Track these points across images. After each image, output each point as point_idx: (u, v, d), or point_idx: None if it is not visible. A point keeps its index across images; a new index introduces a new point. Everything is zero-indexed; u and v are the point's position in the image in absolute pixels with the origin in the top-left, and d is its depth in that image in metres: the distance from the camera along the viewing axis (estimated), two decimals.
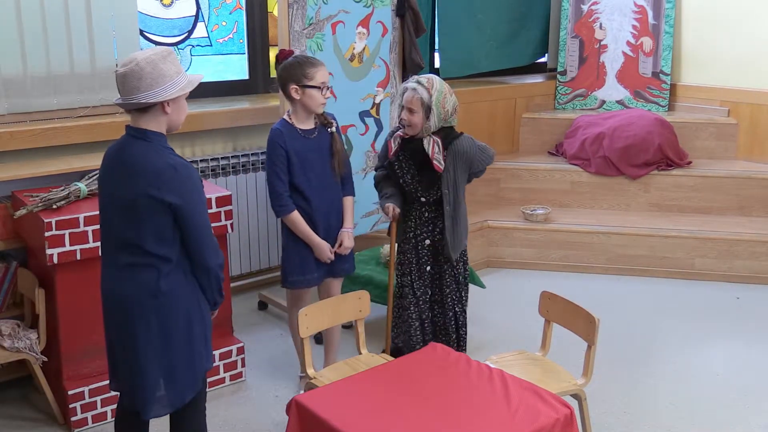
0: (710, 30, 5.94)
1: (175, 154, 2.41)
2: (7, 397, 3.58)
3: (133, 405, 2.51)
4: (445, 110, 3.38)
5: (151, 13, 4.65)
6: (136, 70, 2.30)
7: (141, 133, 2.38)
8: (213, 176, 4.47)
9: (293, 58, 3.34)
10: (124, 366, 2.50)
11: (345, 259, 3.54)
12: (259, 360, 3.97)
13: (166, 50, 2.40)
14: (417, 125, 3.38)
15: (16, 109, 3.83)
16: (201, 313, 2.50)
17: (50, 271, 3.28)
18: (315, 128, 3.39)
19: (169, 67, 2.35)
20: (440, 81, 3.42)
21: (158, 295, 2.39)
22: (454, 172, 3.41)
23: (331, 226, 3.46)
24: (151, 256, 2.37)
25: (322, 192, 3.40)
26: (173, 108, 2.39)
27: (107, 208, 2.46)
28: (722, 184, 5.42)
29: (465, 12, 5.88)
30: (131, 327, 2.42)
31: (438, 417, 2.45)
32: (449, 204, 3.44)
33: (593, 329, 2.95)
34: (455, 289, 3.58)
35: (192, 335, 2.47)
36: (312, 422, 2.47)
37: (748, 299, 4.80)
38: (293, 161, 3.32)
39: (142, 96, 2.32)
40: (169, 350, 2.44)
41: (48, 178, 3.64)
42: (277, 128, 3.36)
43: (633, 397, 3.64)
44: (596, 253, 5.21)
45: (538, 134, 6.14)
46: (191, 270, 2.45)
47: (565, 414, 2.48)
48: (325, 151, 3.40)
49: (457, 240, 3.50)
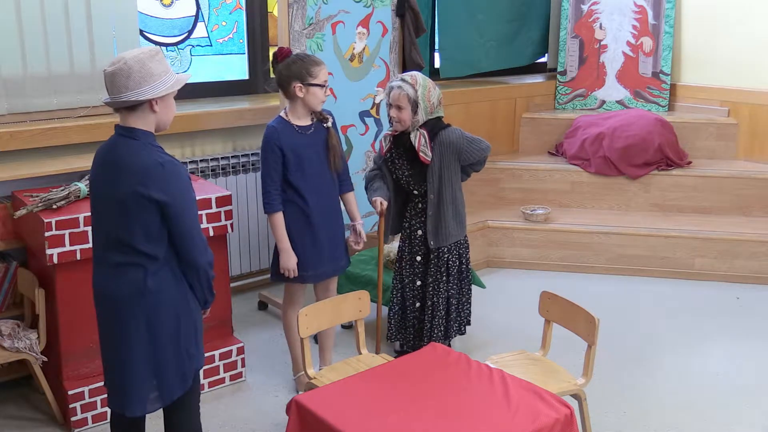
0: (710, 30, 5.94)
1: (163, 152, 2.42)
2: (7, 397, 3.58)
3: (119, 404, 2.52)
4: (430, 103, 3.50)
5: (151, 13, 4.65)
6: (124, 68, 2.33)
7: (130, 132, 2.40)
8: (213, 176, 4.47)
9: (295, 56, 3.36)
10: (112, 363, 2.51)
11: (343, 257, 3.56)
12: (259, 360, 3.96)
13: (154, 49, 2.42)
14: (406, 121, 3.50)
15: (16, 109, 3.83)
16: (190, 312, 2.50)
17: (50, 271, 3.29)
18: (311, 124, 3.41)
19: (156, 65, 2.37)
20: (422, 76, 3.55)
21: (146, 294, 2.40)
22: (440, 162, 3.51)
23: (331, 224, 3.47)
24: (140, 254, 2.38)
25: (319, 189, 3.41)
26: (161, 106, 2.41)
27: (98, 207, 2.48)
28: (722, 184, 5.42)
29: (465, 12, 5.88)
30: (119, 325, 2.44)
31: (438, 417, 2.45)
32: (433, 192, 3.54)
33: (593, 329, 2.95)
34: (438, 279, 3.63)
35: (180, 334, 2.48)
36: (312, 422, 2.47)
37: (748, 299, 4.79)
38: (289, 158, 3.33)
39: (131, 94, 2.34)
40: (157, 349, 2.45)
41: (48, 178, 3.64)
42: (273, 126, 3.38)
43: (633, 397, 3.64)
44: (596, 253, 5.21)
45: (538, 134, 6.14)
46: (180, 268, 2.46)
47: (565, 414, 2.48)
48: (321, 147, 3.41)
49: (442, 229, 3.57)
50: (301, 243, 3.41)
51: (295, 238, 3.40)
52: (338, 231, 3.53)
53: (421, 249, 3.67)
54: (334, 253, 3.51)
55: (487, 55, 6.14)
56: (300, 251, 3.41)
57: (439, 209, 3.56)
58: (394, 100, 3.50)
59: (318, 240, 3.43)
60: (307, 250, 3.42)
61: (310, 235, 3.41)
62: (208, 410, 3.48)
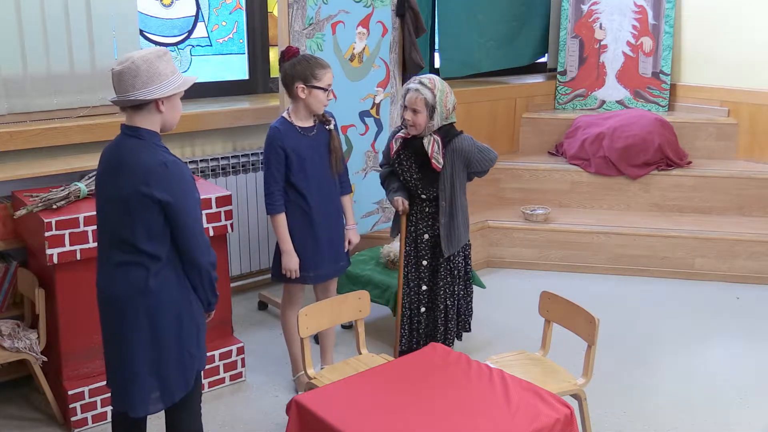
0: (710, 30, 5.94)
1: (168, 152, 2.42)
2: (7, 397, 3.58)
3: (121, 403, 2.52)
4: (447, 108, 3.44)
5: (151, 13, 4.65)
6: (132, 68, 2.33)
7: (135, 132, 2.40)
8: (213, 176, 4.47)
9: (301, 57, 3.34)
10: (115, 363, 2.51)
11: (341, 257, 3.56)
12: (259, 360, 3.96)
13: (162, 50, 2.42)
14: (421, 125, 3.42)
15: (16, 109, 3.83)
16: (192, 313, 2.50)
17: (50, 271, 3.28)
18: (314, 126, 3.40)
19: (165, 66, 2.37)
20: (441, 80, 3.47)
21: (147, 294, 2.40)
22: (452, 169, 3.46)
23: (332, 225, 3.47)
24: (142, 254, 2.39)
25: (320, 190, 3.41)
26: (168, 107, 2.41)
27: (103, 206, 2.49)
28: (722, 184, 5.42)
29: (465, 12, 5.88)
30: (121, 325, 2.44)
31: (438, 417, 2.45)
32: (445, 200, 3.50)
33: (593, 329, 2.95)
34: (449, 282, 3.61)
35: (182, 335, 2.48)
36: (312, 422, 2.47)
37: (748, 299, 4.80)
38: (291, 159, 3.33)
39: (138, 93, 2.34)
40: (159, 349, 2.45)
41: (48, 178, 3.64)
42: (276, 127, 3.37)
43: (633, 397, 3.64)
44: (596, 253, 5.21)
45: (538, 134, 6.14)
46: (183, 269, 2.46)
47: (565, 414, 2.48)
48: (323, 148, 3.40)
49: (454, 236, 3.54)
50: (303, 244, 3.41)
51: (297, 239, 3.39)
52: (339, 232, 3.53)
53: (428, 253, 3.62)
54: (335, 254, 3.50)
55: (487, 55, 6.14)
56: (301, 252, 3.41)
57: (452, 216, 3.52)
58: (410, 103, 3.41)
59: (319, 241, 3.43)
60: (308, 251, 3.42)
61: (312, 237, 3.41)
62: (208, 410, 3.48)
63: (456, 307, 3.66)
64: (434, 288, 3.64)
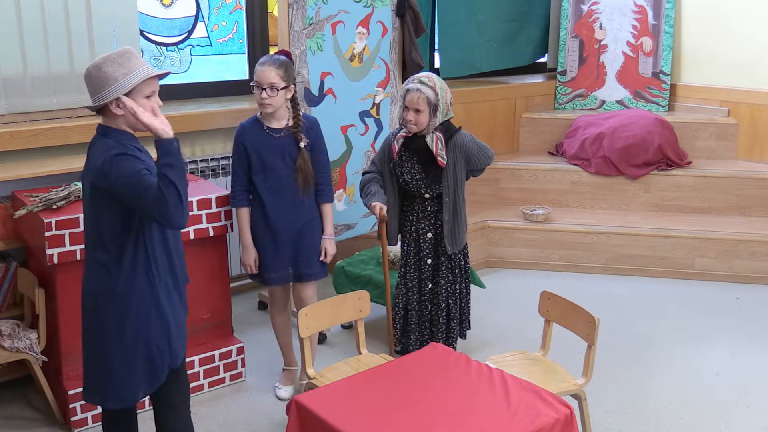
0: (710, 30, 5.94)
1: (124, 145, 2.38)
2: (7, 397, 3.58)
3: (94, 397, 2.58)
4: (447, 105, 3.45)
5: (151, 13, 4.65)
6: (87, 75, 2.40)
7: (104, 130, 2.46)
8: (213, 176, 4.47)
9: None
10: (87, 357, 2.56)
11: (312, 264, 3.48)
12: (259, 360, 3.96)
13: (119, 52, 2.40)
14: (423, 124, 3.42)
15: (16, 109, 3.83)
16: (161, 311, 2.49)
17: (50, 271, 3.29)
18: (282, 129, 3.38)
19: (114, 69, 2.36)
20: (437, 77, 3.48)
21: (116, 291, 2.43)
22: (454, 165, 3.47)
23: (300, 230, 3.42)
24: (110, 252, 2.43)
25: (279, 193, 3.38)
26: (124, 108, 2.37)
27: (83, 205, 2.56)
28: (722, 184, 5.42)
29: (465, 12, 5.88)
30: (93, 319, 2.50)
31: (438, 417, 2.45)
32: (449, 197, 3.49)
33: (593, 329, 2.95)
34: (451, 281, 3.62)
35: (151, 332, 2.48)
36: (312, 422, 2.47)
37: (748, 299, 4.80)
38: (252, 157, 3.37)
39: (93, 99, 2.41)
40: (126, 344, 2.46)
41: (48, 178, 3.64)
42: (242, 124, 3.44)
43: (633, 397, 3.64)
44: (596, 253, 5.21)
45: (538, 134, 6.14)
46: (151, 268, 2.46)
47: (565, 414, 2.48)
48: (288, 156, 3.37)
49: (458, 233, 3.55)
50: (262, 243, 3.43)
51: (257, 238, 3.44)
52: (311, 239, 3.46)
53: (431, 252, 3.62)
54: (304, 260, 3.45)
55: (487, 55, 6.14)
56: (261, 251, 3.44)
57: (455, 214, 3.52)
58: (411, 103, 3.38)
59: (278, 244, 3.41)
60: (268, 251, 3.43)
61: (270, 237, 3.41)
62: (208, 410, 3.49)
63: (458, 306, 3.66)
64: (436, 287, 3.64)
